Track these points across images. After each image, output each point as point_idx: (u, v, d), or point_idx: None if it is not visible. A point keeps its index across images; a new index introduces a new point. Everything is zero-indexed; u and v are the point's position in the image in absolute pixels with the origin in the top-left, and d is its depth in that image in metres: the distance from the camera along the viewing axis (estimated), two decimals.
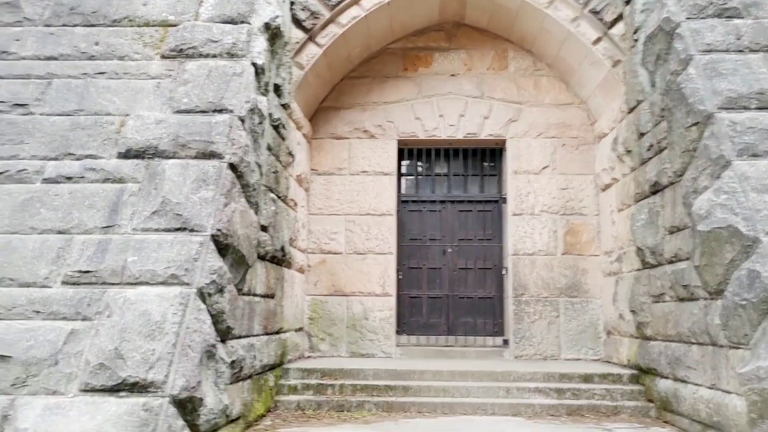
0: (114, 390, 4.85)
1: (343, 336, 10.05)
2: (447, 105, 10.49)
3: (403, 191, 10.80)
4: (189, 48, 7.05)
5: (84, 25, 7.24)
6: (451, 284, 10.51)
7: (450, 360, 9.63)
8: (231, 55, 7.03)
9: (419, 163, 10.89)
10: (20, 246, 5.55)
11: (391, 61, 10.64)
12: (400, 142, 10.54)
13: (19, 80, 6.74)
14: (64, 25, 7.24)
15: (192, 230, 5.72)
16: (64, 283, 5.39)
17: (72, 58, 6.99)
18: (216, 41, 7.09)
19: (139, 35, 7.20)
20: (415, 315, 10.49)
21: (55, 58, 6.97)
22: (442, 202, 10.72)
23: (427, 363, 9.05)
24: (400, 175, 10.78)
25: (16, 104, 6.54)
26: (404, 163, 10.87)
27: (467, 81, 10.54)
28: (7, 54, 6.95)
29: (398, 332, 10.30)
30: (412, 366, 8.63)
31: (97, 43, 7.11)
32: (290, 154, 9.03)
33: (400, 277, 10.48)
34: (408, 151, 10.80)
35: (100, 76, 6.85)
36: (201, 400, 5.15)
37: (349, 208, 10.34)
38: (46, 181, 6.00)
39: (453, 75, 10.56)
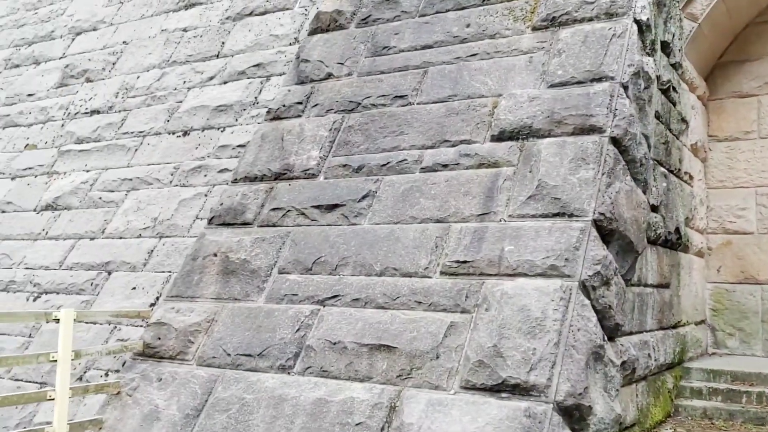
0: (494, 390, 4.53)
1: (758, 332, 8.44)
2: None
3: None
4: (562, 15, 6.43)
5: (455, 9, 7.13)
6: None
7: None
8: (609, 15, 6.21)
9: None
10: (402, 236, 5.61)
11: None
12: None
13: (398, 73, 6.90)
14: (437, 12, 7.23)
15: (571, 215, 5.12)
16: (442, 273, 5.27)
17: (445, 44, 6.92)
18: (591, 2, 6.34)
19: (509, 10, 6.83)
20: None
21: (429, 47, 6.98)
22: None
23: None
24: None
25: (396, 96, 6.70)
26: None
27: None
28: (388, 49, 7.19)
29: None
30: None
31: (468, 25, 6.93)
32: (683, 120, 7.81)
33: None
34: None
35: (471, 58, 6.66)
36: (589, 408, 4.54)
37: (761, 179, 8.62)
38: (424, 170, 5.98)
39: None
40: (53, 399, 5.20)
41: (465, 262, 5.22)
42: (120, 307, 7.62)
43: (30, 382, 7.79)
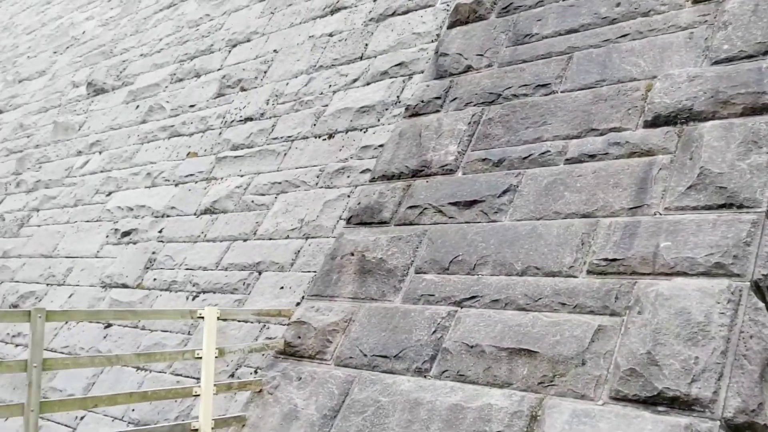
0: (648, 402, 4.04)
1: None
2: None
3: None
4: None
5: None
6: None
7: None
8: None
9: None
10: (544, 232, 5.22)
11: None
12: None
13: (541, 60, 6.49)
14: None
15: (740, 206, 4.49)
16: (589, 272, 4.82)
17: (592, 26, 6.42)
18: None
19: None
20: None
21: (575, 31, 6.51)
22: None
23: None
24: None
25: (539, 85, 6.30)
26: None
27: None
28: (530, 36, 6.80)
29: None
30: None
31: (618, 4, 6.39)
32: None
33: None
34: None
35: (622, 40, 6.11)
36: (765, 426, 3.93)
37: None
38: (569, 161, 5.55)
39: None
40: (198, 395, 5.36)
41: (614, 260, 4.74)
42: (263, 306, 7.80)
43: (189, 377, 8.18)
